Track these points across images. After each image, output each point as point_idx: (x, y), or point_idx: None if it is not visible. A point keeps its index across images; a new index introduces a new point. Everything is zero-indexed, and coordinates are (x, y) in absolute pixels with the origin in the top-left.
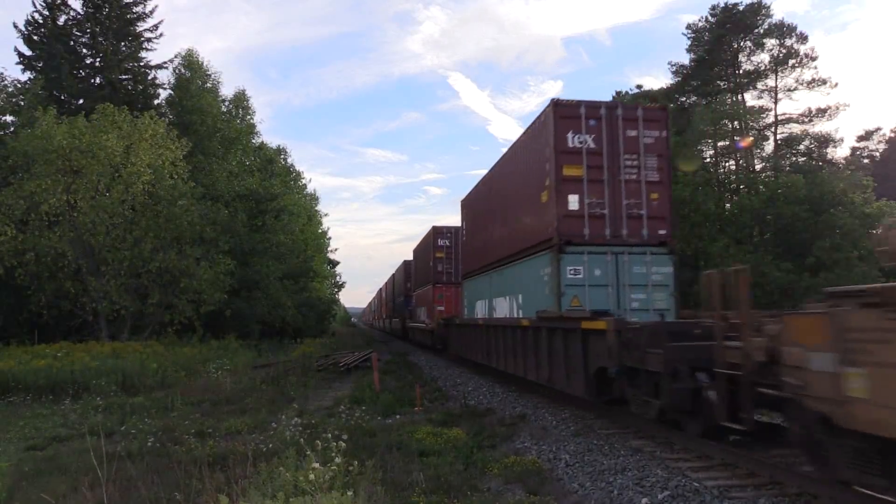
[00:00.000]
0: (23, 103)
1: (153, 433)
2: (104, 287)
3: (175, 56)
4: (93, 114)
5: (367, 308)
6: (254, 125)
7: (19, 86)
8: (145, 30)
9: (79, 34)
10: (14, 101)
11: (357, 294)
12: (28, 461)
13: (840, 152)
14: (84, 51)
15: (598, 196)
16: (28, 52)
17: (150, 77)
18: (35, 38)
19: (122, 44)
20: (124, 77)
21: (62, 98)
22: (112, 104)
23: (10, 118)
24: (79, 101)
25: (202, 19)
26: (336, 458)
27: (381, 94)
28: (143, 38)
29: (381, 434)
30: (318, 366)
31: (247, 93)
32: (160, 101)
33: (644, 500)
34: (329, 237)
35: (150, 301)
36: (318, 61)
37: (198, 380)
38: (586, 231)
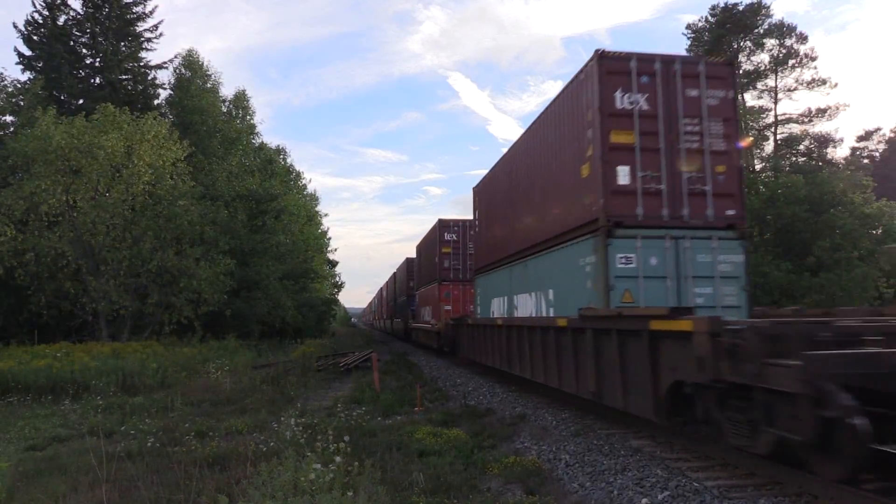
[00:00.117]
0: (23, 103)
1: (153, 433)
2: (103, 287)
3: (175, 56)
4: (93, 114)
5: (368, 308)
6: (254, 125)
7: (19, 86)
8: (145, 30)
9: (79, 34)
10: (14, 101)
11: (357, 294)
12: (28, 461)
13: (840, 152)
14: (84, 51)
15: (653, 168)
16: (28, 52)
17: (150, 77)
18: (35, 38)
19: (122, 44)
20: (124, 77)
21: (62, 98)
22: (113, 104)
23: (10, 118)
24: (79, 101)
25: (202, 19)
26: (336, 458)
27: (381, 94)
28: (142, 38)
29: (381, 434)
30: (318, 366)
31: (247, 93)
32: (160, 101)
33: (644, 500)
34: (329, 237)
35: (149, 301)
36: (318, 61)
37: (198, 380)
38: (639, 210)
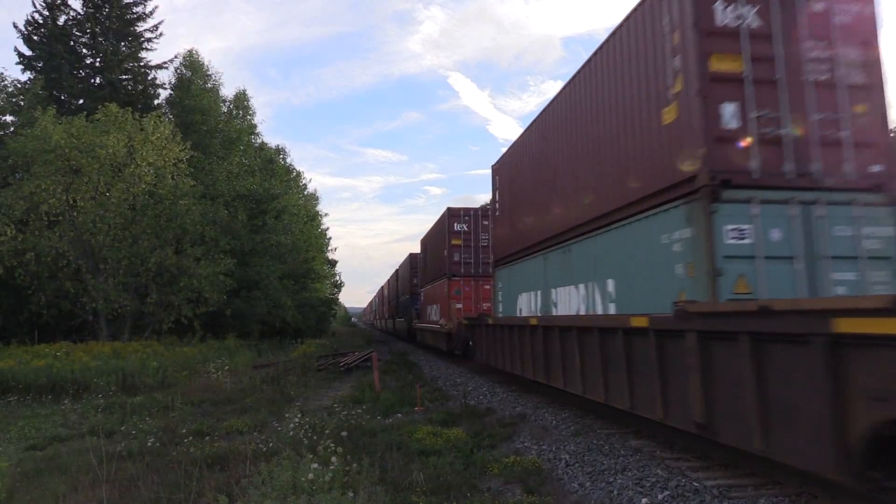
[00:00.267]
0: (23, 103)
1: (153, 433)
2: (102, 285)
3: (175, 56)
4: (95, 114)
5: (368, 307)
6: (254, 125)
7: (19, 86)
8: (145, 30)
9: (79, 34)
10: (14, 101)
11: (357, 294)
12: (28, 461)
13: None
14: (84, 51)
15: (770, 106)
16: (28, 52)
17: (150, 77)
18: (35, 38)
19: (122, 44)
20: (124, 77)
21: (62, 98)
22: (116, 105)
23: (10, 118)
24: (79, 101)
25: (202, 19)
26: (333, 459)
27: (381, 93)
28: (143, 38)
29: (381, 434)
30: (319, 366)
31: (247, 93)
32: (160, 101)
33: (644, 500)
34: (329, 237)
35: (148, 300)
36: (318, 61)
37: (198, 380)
38: (754, 164)
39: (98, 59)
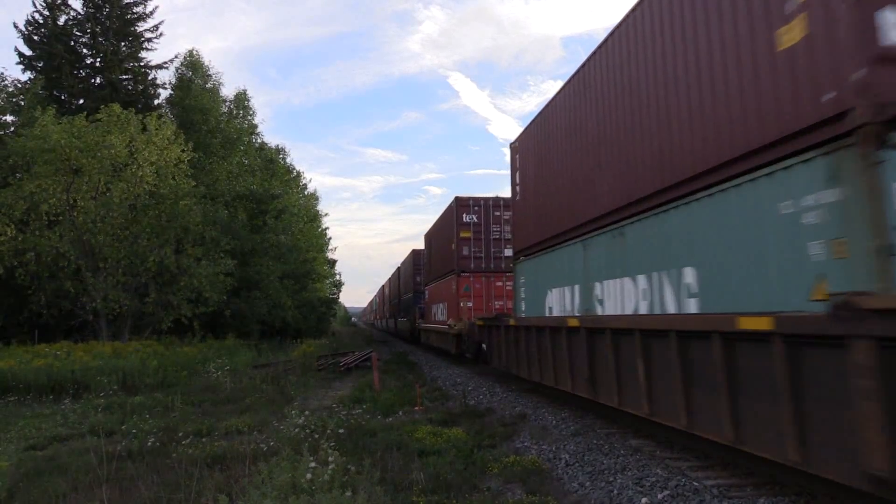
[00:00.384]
0: (23, 103)
1: (153, 433)
2: (101, 285)
3: (175, 56)
4: (97, 114)
5: (368, 307)
6: (255, 125)
7: (19, 86)
8: (145, 30)
9: (79, 34)
10: (14, 101)
11: (357, 294)
12: (28, 461)
13: None
14: (84, 51)
15: None
16: (28, 52)
17: (150, 77)
18: (35, 38)
19: (123, 44)
20: (124, 77)
21: (62, 98)
22: (119, 105)
23: (10, 118)
24: (79, 101)
25: (202, 19)
26: (330, 459)
27: (381, 93)
28: (143, 38)
29: (381, 433)
30: (318, 366)
31: (247, 93)
32: (160, 101)
33: (644, 500)
34: (329, 237)
35: (147, 300)
36: (318, 61)
37: (198, 380)
38: None
39: (98, 59)
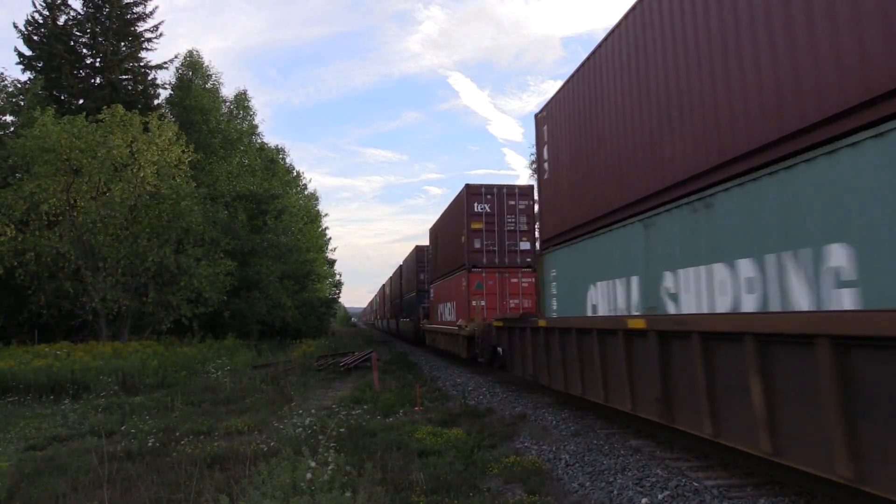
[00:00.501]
0: (23, 103)
1: (153, 433)
2: (100, 284)
3: (175, 56)
4: (100, 114)
5: (368, 307)
6: (256, 125)
7: (19, 86)
8: (145, 30)
9: (79, 34)
10: (14, 101)
11: (357, 294)
12: (28, 461)
13: None
14: (84, 51)
15: None
16: (28, 52)
17: (150, 77)
18: (35, 38)
19: (122, 44)
20: (124, 77)
21: (62, 98)
22: (122, 106)
23: (10, 118)
24: (79, 101)
25: (202, 19)
26: (330, 459)
27: (381, 93)
28: (143, 38)
29: (381, 434)
30: (318, 366)
31: (248, 93)
32: (160, 101)
33: (644, 500)
34: (329, 237)
35: (146, 300)
36: (318, 61)
37: (198, 380)
38: None
39: (98, 59)
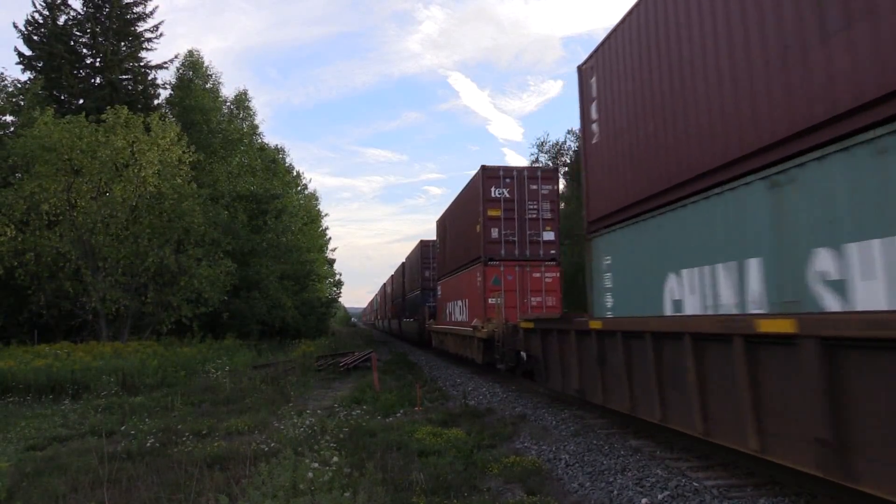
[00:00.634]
0: (23, 103)
1: (153, 433)
2: (100, 284)
3: (175, 56)
4: (103, 114)
5: (369, 307)
6: (256, 126)
7: (19, 86)
8: (145, 30)
9: (79, 34)
10: (14, 101)
11: (357, 294)
12: (28, 461)
13: None
14: (84, 51)
15: None
16: (28, 52)
17: (150, 77)
18: (35, 38)
19: (122, 44)
20: (124, 77)
21: (62, 98)
22: (113, 104)
23: (10, 118)
24: (79, 101)
25: (202, 19)
26: (334, 459)
27: (381, 93)
28: (143, 38)
29: (381, 434)
30: (318, 366)
31: (248, 93)
32: (160, 101)
33: (644, 500)
34: (328, 237)
35: (146, 300)
36: (318, 61)
37: (198, 380)
38: None
39: (98, 59)
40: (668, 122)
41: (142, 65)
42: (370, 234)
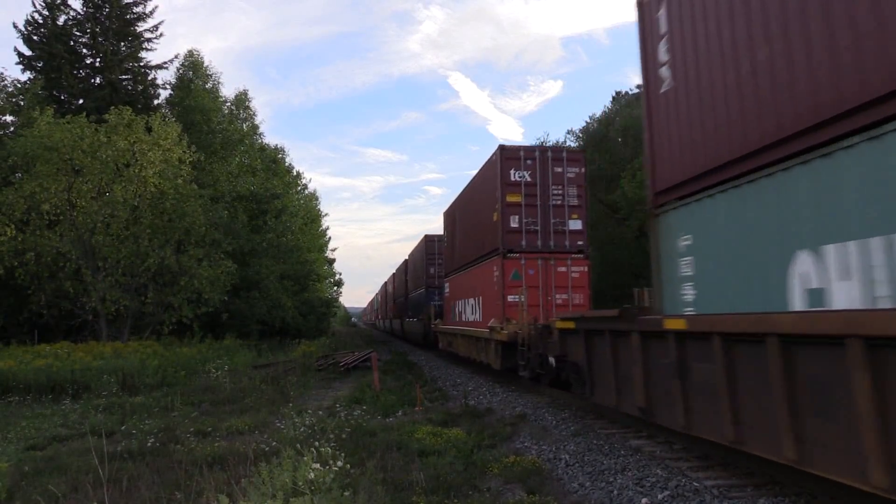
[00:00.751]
0: (23, 103)
1: (153, 433)
2: (100, 284)
3: (175, 56)
4: (107, 114)
5: (369, 307)
6: (257, 126)
7: (19, 86)
8: (145, 30)
9: (79, 34)
10: (14, 101)
11: (357, 294)
12: (28, 461)
13: None
14: (84, 51)
15: None
16: (28, 52)
17: (150, 77)
18: (35, 38)
19: (122, 44)
20: (124, 77)
21: (62, 98)
22: (113, 104)
23: (10, 118)
24: (79, 101)
25: (202, 19)
26: (339, 463)
27: (381, 93)
28: (143, 38)
29: (381, 434)
30: (318, 366)
31: (248, 94)
32: (160, 101)
33: (644, 500)
34: (328, 237)
35: (146, 300)
36: (318, 61)
37: (198, 380)
38: None
39: (98, 59)
40: (799, 42)
41: (142, 65)
42: (370, 234)
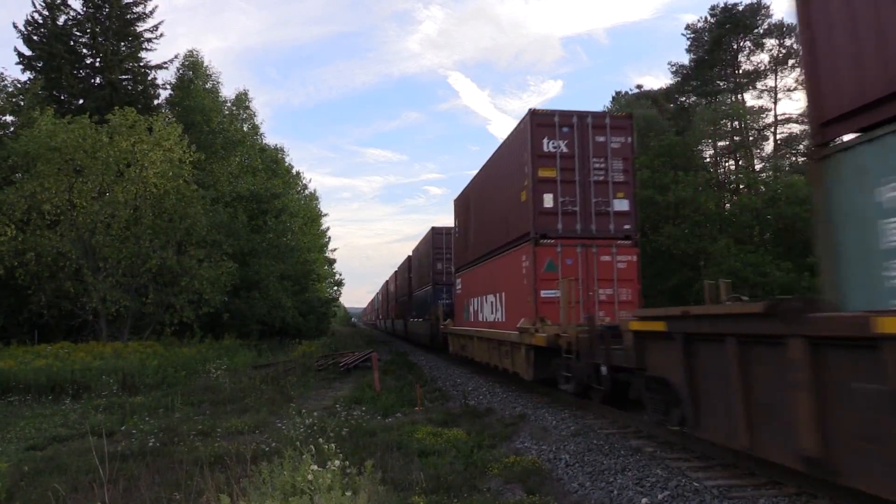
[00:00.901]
0: (23, 103)
1: (154, 433)
2: (100, 284)
3: (175, 56)
4: (110, 114)
5: (369, 307)
6: (258, 126)
7: (19, 86)
8: (145, 30)
9: (79, 34)
10: (14, 101)
11: (357, 294)
12: (28, 461)
13: None
14: (84, 51)
15: None
16: (28, 52)
17: (150, 77)
18: (35, 38)
19: (122, 44)
20: (124, 77)
21: (62, 98)
22: (113, 104)
23: (10, 118)
24: (79, 101)
25: (202, 19)
26: (336, 461)
27: (381, 93)
28: (143, 38)
29: (382, 434)
30: (318, 366)
31: (248, 94)
32: (160, 101)
33: (644, 500)
34: (329, 237)
35: (146, 300)
36: (318, 61)
37: (198, 380)
38: None
39: (98, 59)
40: None
41: (142, 65)
42: (370, 234)
